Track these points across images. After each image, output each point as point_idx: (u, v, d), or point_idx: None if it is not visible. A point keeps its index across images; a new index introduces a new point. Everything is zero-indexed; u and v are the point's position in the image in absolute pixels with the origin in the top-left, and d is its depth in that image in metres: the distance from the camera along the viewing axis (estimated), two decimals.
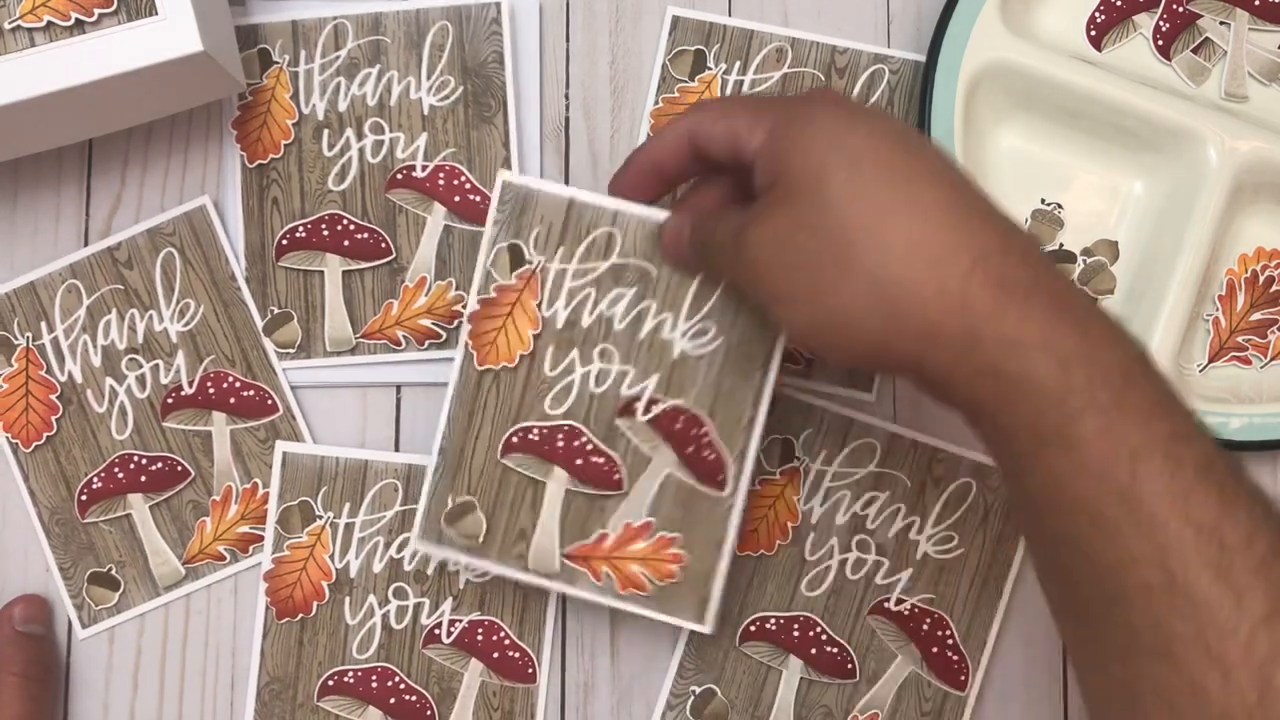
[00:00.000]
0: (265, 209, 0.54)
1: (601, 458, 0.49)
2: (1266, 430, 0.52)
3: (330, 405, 0.54)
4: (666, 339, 0.48)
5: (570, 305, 0.49)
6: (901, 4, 0.56)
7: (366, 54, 0.54)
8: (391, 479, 0.53)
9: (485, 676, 0.52)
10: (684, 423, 0.48)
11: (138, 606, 0.53)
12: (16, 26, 0.46)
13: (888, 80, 0.55)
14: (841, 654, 0.53)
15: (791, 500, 0.53)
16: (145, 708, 0.53)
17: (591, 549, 0.49)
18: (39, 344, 0.53)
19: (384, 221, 0.54)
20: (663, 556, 0.48)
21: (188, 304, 0.54)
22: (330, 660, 0.53)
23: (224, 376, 0.54)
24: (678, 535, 0.48)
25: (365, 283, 0.54)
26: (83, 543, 0.53)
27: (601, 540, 0.49)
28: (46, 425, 0.53)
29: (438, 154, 0.54)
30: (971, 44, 0.52)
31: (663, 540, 0.48)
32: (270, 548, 0.53)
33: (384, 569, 0.53)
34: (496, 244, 0.49)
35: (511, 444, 0.49)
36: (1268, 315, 0.55)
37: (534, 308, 0.49)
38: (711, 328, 0.48)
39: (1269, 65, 0.55)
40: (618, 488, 0.49)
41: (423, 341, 0.54)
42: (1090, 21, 0.55)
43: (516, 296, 0.49)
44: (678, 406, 0.48)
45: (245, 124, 0.54)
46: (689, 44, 0.55)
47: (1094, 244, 0.55)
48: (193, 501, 0.53)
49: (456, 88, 0.54)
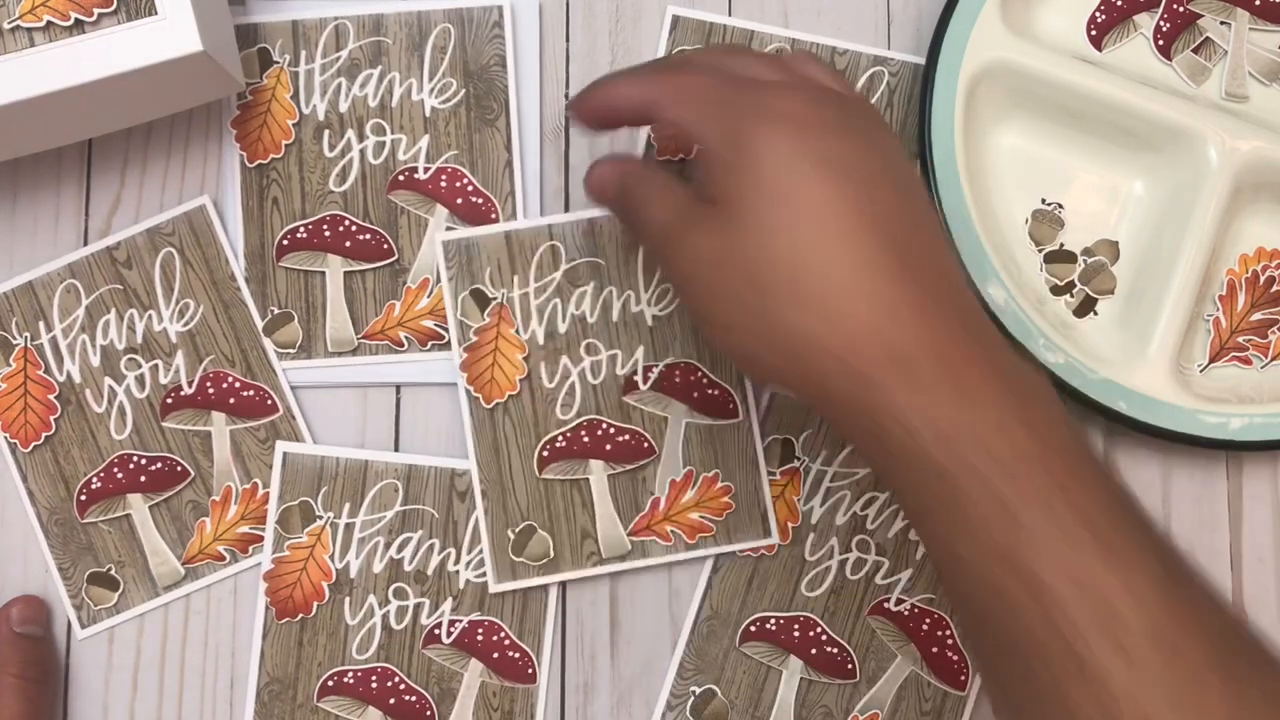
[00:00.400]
0: (265, 209, 0.54)
1: (626, 434, 0.52)
2: (1267, 430, 0.52)
3: (330, 405, 0.54)
4: (636, 312, 0.53)
5: (544, 320, 0.53)
6: (901, 4, 0.56)
7: (368, 55, 0.54)
8: (392, 479, 0.53)
9: (485, 677, 0.52)
10: (681, 374, 0.53)
11: (137, 607, 0.53)
12: (16, 26, 0.46)
13: (887, 81, 0.55)
14: (841, 654, 0.53)
15: (791, 500, 0.53)
16: (145, 708, 0.53)
17: (649, 516, 0.53)
18: (37, 344, 0.53)
19: (385, 223, 0.54)
20: (713, 494, 0.53)
21: (187, 304, 0.54)
22: (330, 660, 0.52)
23: (224, 376, 0.53)
24: (717, 471, 0.53)
25: (367, 284, 0.54)
26: (82, 543, 0.53)
27: (655, 505, 0.52)
28: (45, 425, 0.53)
29: (440, 156, 0.54)
30: (971, 44, 0.52)
31: (706, 480, 0.53)
32: (270, 548, 0.53)
33: (384, 569, 0.53)
34: (459, 295, 0.52)
35: (544, 459, 0.52)
36: (1268, 315, 0.55)
37: (514, 335, 0.52)
38: (670, 287, 0.53)
39: (1269, 65, 0.55)
40: (650, 454, 0.53)
41: (425, 342, 0.54)
42: (1090, 21, 0.55)
43: (495, 332, 0.52)
44: (671, 364, 0.53)
45: (245, 124, 0.54)
46: (689, 44, 0.55)
47: (1094, 244, 0.55)
48: (192, 501, 0.53)
49: (458, 90, 0.54)
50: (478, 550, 0.53)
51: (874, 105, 0.54)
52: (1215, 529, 0.54)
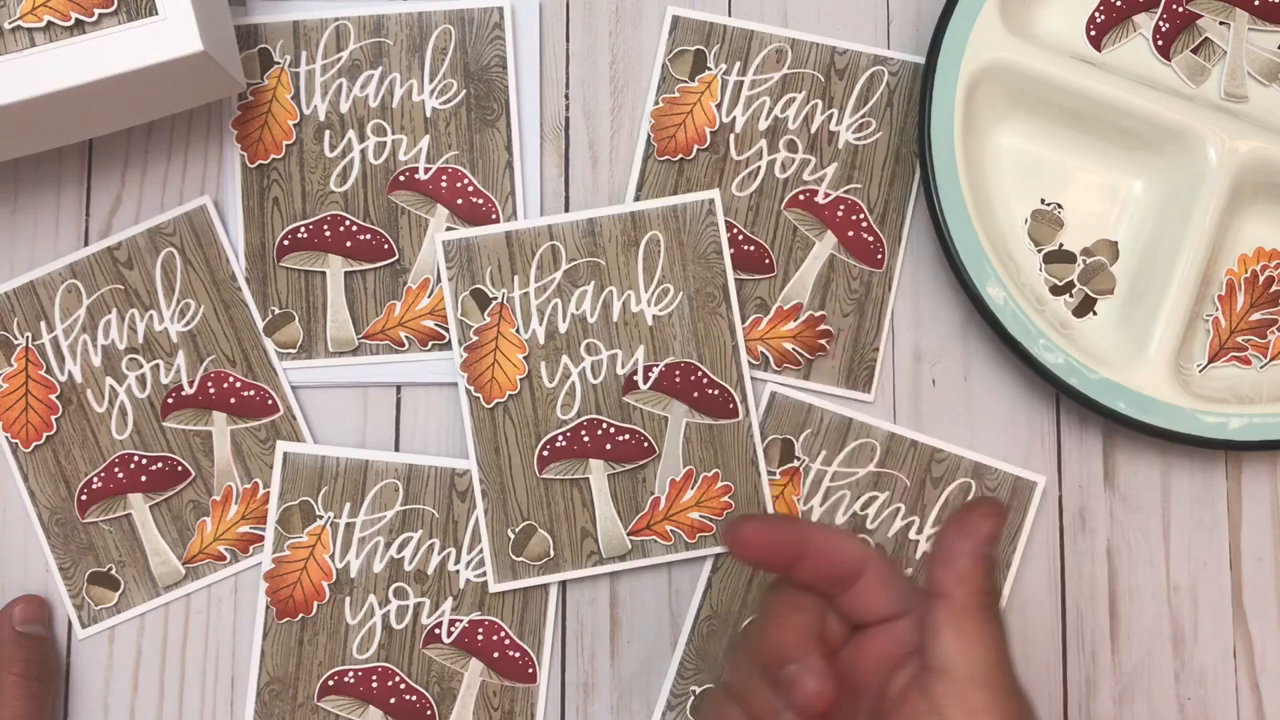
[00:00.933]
0: (266, 209, 0.54)
1: (626, 434, 0.53)
2: (1266, 430, 0.52)
3: (331, 405, 0.54)
4: (636, 312, 0.53)
5: (544, 320, 0.53)
6: (901, 4, 0.56)
7: (368, 56, 0.55)
8: (392, 479, 0.53)
9: (485, 676, 0.52)
10: (681, 373, 0.53)
11: (138, 606, 0.53)
12: (16, 27, 0.46)
13: (887, 81, 0.55)
14: None
15: (791, 500, 0.53)
16: (145, 708, 0.53)
17: (649, 516, 0.53)
18: (39, 344, 0.53)
19: (386, 223, 0.54)
20: (712, 494, 0.53)
21: (188, 304, 0.54)
22: (330, 660, 0.52)
23: (224, 376, 0.54)
24: (716, 470, 0.53)
25: (367, 284, 0.54)
26: (82, 543, 0.53)
27: (655, 505, 0.53)
28: (46, 425, 0.53)
29: (440, 157, 0.54)
30: (971, 44, 0.52)
31: (706, 480, 0.53)
32: (270, 547, 0.53)
33: (384, 569, 0.53)
34: (459, 295, 0.52)
35: (544, 458, 0.52)
36: (1267, 315, 0.55)
37: (514, 334, 0.52)
38: (670, 286, 0.53)
39: (1268, 65, 0.55)
40: (650, 454, 0.53)
41: (426, 342, 0.54)
42: (1090, 22, 0.55)
43: (495, 331, 0.53)
44: (671, 364, 0.53)
45: (246, 124, 0.55)
46: (689, 44, 0.55)
47: (1094, 244, 0.55)
48: (193, 501, 0.53)
49: (459, 91, 0.54)
50: (478, 550, 0.53)
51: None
52: (1214, 529, 0.54)
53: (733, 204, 0.55)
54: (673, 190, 0.55)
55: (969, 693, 0.36)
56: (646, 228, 0.53)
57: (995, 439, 0.54)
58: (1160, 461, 0.55)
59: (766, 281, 0.54)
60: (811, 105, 0.55)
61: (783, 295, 0.54)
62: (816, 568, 0.40)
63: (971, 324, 0.55)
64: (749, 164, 0.55)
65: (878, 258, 0.55)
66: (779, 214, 0.55)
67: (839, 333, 0.54)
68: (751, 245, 0.54)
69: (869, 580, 0.40)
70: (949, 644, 0.37)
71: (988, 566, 0.38)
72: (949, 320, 0.55)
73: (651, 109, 0.55)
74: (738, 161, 0.55)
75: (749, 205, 0.55)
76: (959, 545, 0.38)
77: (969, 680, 0.37)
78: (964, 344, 0.55)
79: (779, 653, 0.40)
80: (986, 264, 0.51)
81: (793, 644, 0.40)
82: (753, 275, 0.54)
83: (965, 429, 0.55)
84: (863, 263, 0.55)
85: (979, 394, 0.55)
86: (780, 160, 0.55)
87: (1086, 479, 0.55)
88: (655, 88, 0.55)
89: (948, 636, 0.37)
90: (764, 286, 0.54)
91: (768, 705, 0.40)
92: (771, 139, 0.55)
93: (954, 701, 0.36)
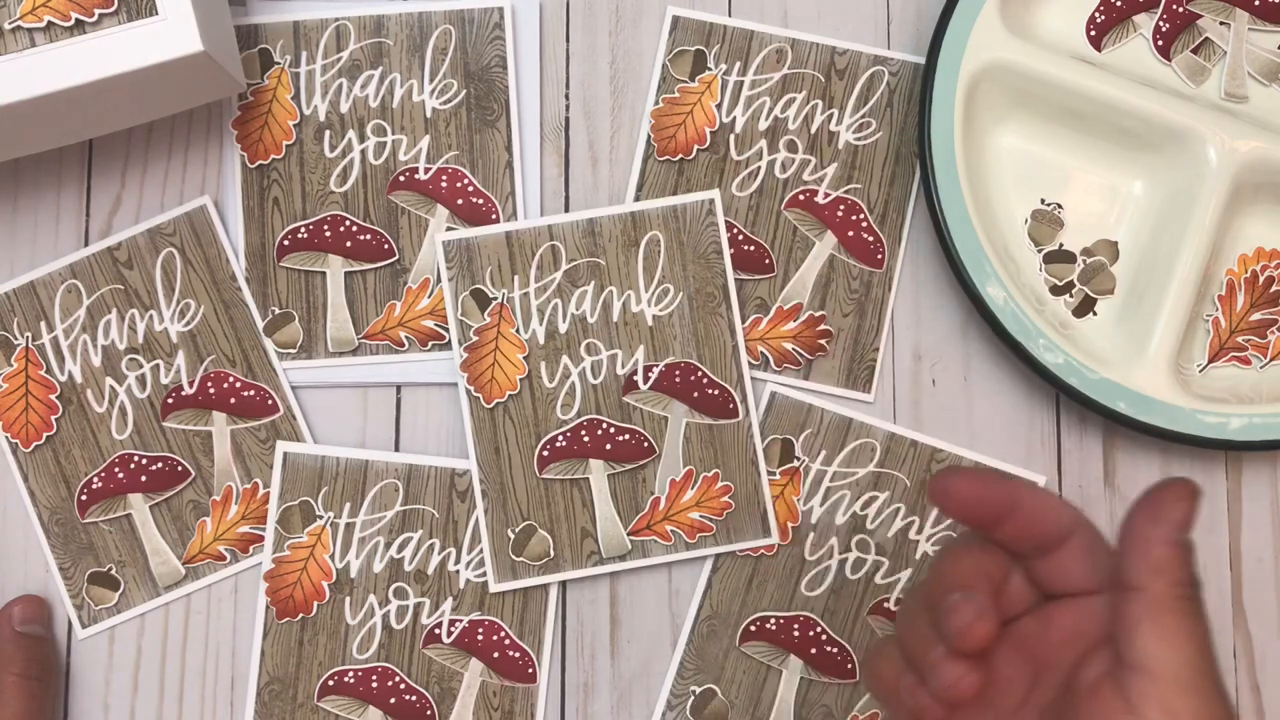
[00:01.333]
0: (266, 209, 0.54)
1: (626, 434, 0.53)
2: (1266, 430, 0.52)
3: (331, 405, 0.54)
4: (636, 312, 0.53)
5: (544, 320, 0.53)
6: (901, 4, 0.56)
7: (369, 56, 0.55)
8: (392, 479, 0.53)
9: (485, 676, 0.52)
10: (681, 373, 0.53)
11: (138, 606, 0.53)
12: (16, 27, 0.46)
13: (887, 81, 0.55)
14: (841, 654, 0.53)
15: (791, 500, 0.53)
16: (145, 708, 0.53)
17: (649, 516, 0.53)
18: (39, 344, 0.53)
19: (386, 223, 0.54)
20: (712, 494, 0.53)
21: (188, 304, 0.54)
22: (330, 660, 0.52)
23: (224, 376, 0.54)
24: (717, 470, 0.53)
25: (367, 284, 0.54)
26: (82, 543, 0.53)
27: (655, 505, 0.53)
28: (46, 425, 0.53)
29: (440, 157, 0.54)
30: (971, 44, 0.52)
31: (706, 480, 0.53)
32: (270, 547, 0.53)
33: (384, 569, 0.53)
34: (459, 295, 0.53)
35: (544, 458, 0.52)
36: (1267, 315, 0.55)
37: (514, 334, 0.52)
38: (670, 286, 0.53)
39: (1269, 65, 0.55)
40: (650, 454, 0.53)
41: (426, 342, 0.54)
42: (1090, 22, 0.55)
43: (495, 331, 0.53)
44: (671, 364, 0.53)
45: (246, 124, 0.55)
46: (689, 44, 0.55)
47: (1094, 244, 0.55)
48: (193, 501, 0.53)
49: (459, 91, 0.55)
50: (478, 550, 0.53)
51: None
52: (1214, 529, 0.54)
53: (733, 204, 0.55)
54: (673, 190, 0.55)
55: (1172, 695, 0.33)
56: (646, 228, 0.53)
57: (995, 439, 0.54)
58: (1160, 461, 0.55)
59: (766, 281, 0.54)
60: (811, 105, 0.55)
61: (783, 295, 0.54)
62: (1023, 527, 0.37)
63: (971, 324, 0.55)
64: (749, 164, 0.55)
65: (878, 258, 0.55)
66: (779, 214, 0.55)
67: (839, 333, 0.54)
68: (751, 245, 0.54)
69: (1073, 547, 0.37)
70: (1148, 640, 0.34)
71: (1186, 555, 0.34)
72: (949, 320, 0.55)
73: (651, 109, 0.55)
74: (738, 161, 0.55)
75: (749, 205, 0.55)
76: (1152, 532, 0.34)
77: (1173, 681, 0.33)
78: (964, 344, 0.55)
79: (946, 586, 0.37)
80: (986, 264, 0.51)
81: (964, 577, 0.37)
82: (753, 275, 0.54)
83: (965, 429, 0.55)
84: (863, 263, 0.55)
85: (979, 394, 0.55)
86: (780, 160, 0.55)
87: (1086, 479, 0.55)
88: (655, 88, 0.55)
89: (1146, 632, 0.34)
90: (764, 286, 0.54)
91: (924, 642, 0.37)
92: (771, 139, 0.55)
93: (1154, 703, 0.33)
